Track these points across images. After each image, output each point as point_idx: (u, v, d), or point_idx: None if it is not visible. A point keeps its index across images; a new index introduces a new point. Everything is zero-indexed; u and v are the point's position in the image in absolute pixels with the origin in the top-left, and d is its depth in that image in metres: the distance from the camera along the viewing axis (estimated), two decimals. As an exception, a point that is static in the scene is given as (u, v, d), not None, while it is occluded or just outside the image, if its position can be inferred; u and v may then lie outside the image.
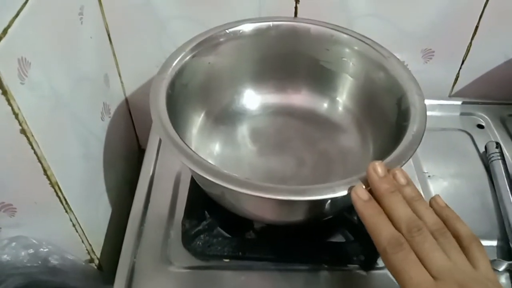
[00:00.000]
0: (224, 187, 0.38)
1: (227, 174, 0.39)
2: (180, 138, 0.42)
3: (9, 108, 0.37)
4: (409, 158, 0.41)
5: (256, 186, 0.38)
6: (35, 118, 0.40)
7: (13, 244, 0.48)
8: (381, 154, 0.45)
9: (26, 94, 0.39)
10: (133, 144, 0.73)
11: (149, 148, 0.63)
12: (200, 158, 0.40)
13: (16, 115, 0.37)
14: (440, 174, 0.60)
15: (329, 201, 0.41)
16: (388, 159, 0.41)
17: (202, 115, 0.55)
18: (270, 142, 0.57)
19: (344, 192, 0.38)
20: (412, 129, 0.43)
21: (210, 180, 0.39)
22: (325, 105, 0.59)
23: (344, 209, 0.49)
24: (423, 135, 0.43)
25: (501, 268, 0.49)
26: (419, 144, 0.42)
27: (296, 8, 0.60)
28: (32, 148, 0.40)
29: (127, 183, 0.66)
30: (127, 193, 0.64)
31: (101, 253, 0.57)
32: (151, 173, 0.59)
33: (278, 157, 0.55)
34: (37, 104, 0.41)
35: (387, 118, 0.49)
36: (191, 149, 0.41)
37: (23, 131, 0.39)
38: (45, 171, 0.42)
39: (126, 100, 0.69)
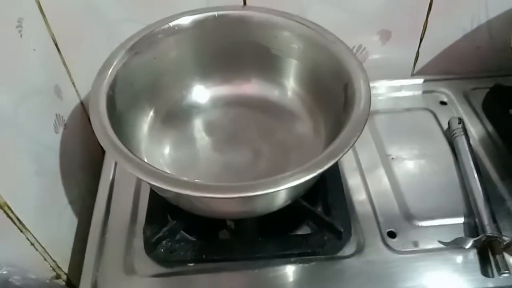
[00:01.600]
0: (169, 190, 0.38)
1: (170, 176, 0.39)
2: (123, 141, 0.41)
3: None
4: (352, 144, 0.40)
5: (200, 186, 0.38)
6: (-28, 141, 0.39)
7: (-29, 268, 0.47)
8: (333, 139, 0.44)
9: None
10: (96, 152, 0.71)
11: (108, 153, 0.61)
12: (142, 162, 0.39)
13: None
14: (405, 155, 0.59)
15: (277, 193, 0.41)
16: (333, 145, 0.41)
17: (151, 113, 0.54)
18: (224, 135, 0.56)
19: (286, 185, 0.37)
20: (357, 114, 0.43)
21: (155, 185, 0.38)
22: (276, 92, 0.58)
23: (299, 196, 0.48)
24: (366, 121, 0.42)
25: (468, 246, 0.48)
26: (362, 130, 0.41)
27: (244, 1, 0.59)
28: (-28, 172, 0.39)
29: (92, 192, 0.65)
30: (92, 202, 0.63)
31: (69, 268, 0.55)
32: (110, 180, 0.58)
33: (233, 150, 0.55)
34: (-27, 126, 0.40)
35: (336, 103, 0.48)
36: (132, 152, 0.40)
37: (-41, 155, 0.37)
38: (-10, 194, 0.41)
39: (84, 108, 0.67)
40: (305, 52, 0.53)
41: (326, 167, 0.38)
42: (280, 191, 0.38)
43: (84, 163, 0.65)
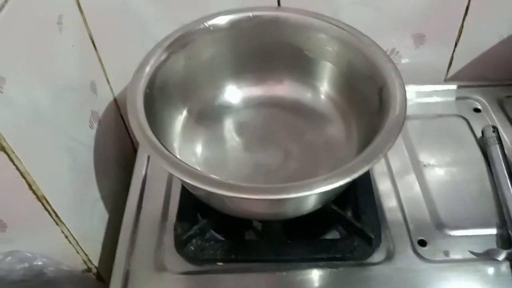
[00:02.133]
0: (202, 189, 0.38)
1: (202, 174, 0.39)
2: (158, 138, 0.41)
3: (-15, 127, 0.36)
4: (388, 149, 0.40)
5: (231, 186, 0.38)
6: (14, 134, 0.40)
7: (8, 258, 0.48)
8: (365, 144, 0.44)
9: (2, 111, 0.38)
10: (128, 148, 0.73)
11: (140, 150, 0.63)
12: (176, 159, 0.40)
13: (-7, 133, 0.37)
14: (437, 163, 0.59)
15: (309, 197, 0.41)
16: (367, 150, 0.40)
17: (184, 112, 0.55)
18: (255, 135, 0.56)
19: (320, 189, 0.37)
20: (392, 119, 0.42)
21: (189, 183, 0.38)
22: (309, 94, 0.58)
23: (330, 200, 0.48)
24: (402, 126, 0.42)
25: (501, 258, 0.48)
26: (397, 136, 0.41)
27: (279, 0, 0.59)
28: (14, 164, 0.40)
29: (123, 187, 0.66)
30: (124, 198, 0.64)
31: (99, 262, 0.57)
32: (143, 176, 0.59)
33: (264, 151, 0.55)
34: (15, 120, 0.41)
35: (370, 108, 0.48)
36: (167, 149, 0.41)
37: (2, 148, 0.39)
38: (30, 186, 0.42)
39: (117, 105, 0.68)
40: (339, 55, 0.53)
41: (360, 172, 0.38)
42: (312, 195, 0.38)
43: (116, 159, 0.66)
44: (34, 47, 0.45)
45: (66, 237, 0.49)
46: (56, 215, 0.47)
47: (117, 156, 0.67)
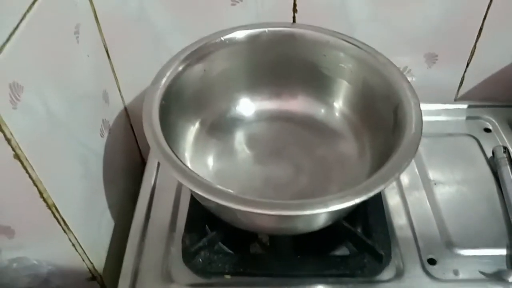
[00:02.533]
0: (217, 203, 0.38)
1: (218, 188, 0.39)
2: (173, 151, 0.42)
3: (1, 134, 0.36)
4: (404, 169, 0.40)
5: (246, 201, 0.38)
6: (29, 142, 0.40)
7: (14, 265, 0.48)
8: (379, 162, 0.44)
9: (19, 119, 0.38)
10: (136, 157, 0.73)
11: (150, 160, 0.63)
12: (191, 172, 0.40)
13: (8, 141, 0.37)
14: (447, 181, 0.58)
15: (324, 213, 0.41)
16: (384, 169, 0.40)
17: (197, 124, 0.55)
18: (267, 149, 0.56)
19: (336, 207, 0.37)
20: (408, 138, 0.42)
21: (202, 196, 0.38)
22: (323, 110, 0.58)
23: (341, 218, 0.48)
24: (418, 145, 0.42)
25: (511, 279, 0.47)
26: (414, 155, 0.41)
27: (294, 17, 0.59)
28: (27, 172, 0.40)
29: (130, 196, 0.66)
30: (130, 207, 0.64)
31: (104, 270, 0.56)
32: (152, 185, 0.59)
33: (275, 164, 0.55)
34: (31, 128, 0.41)
35: (384, 126, 0.48)
36: (182, 162, 0.41)
37: (16, 156, 0.39)
38: (41, 194, 0.42)
39: (127, 114, 0.68)
40: (354, 73, 0.53)
41: (377, 191, 0.38)
42: (326, 212, 0.38)
43: (124, 168, 0.66)
44: (51, 57, 0.45)
45: (73, 245, 0.49)
46: (65, 223, 0.47)
47: (125, 164, 0.67)
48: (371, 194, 0.38)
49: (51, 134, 0.45)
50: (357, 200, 0.38)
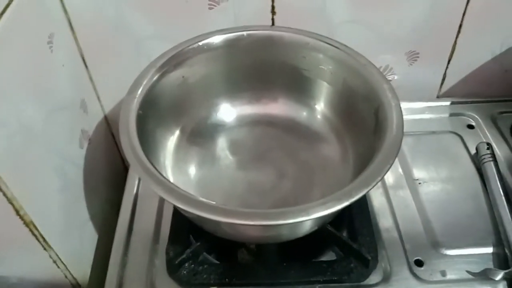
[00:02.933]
0: (201, 216, 0.37)
1: (198, 200, 0.38)
2: (151, 163, 0.41)
3: (-29, 153, 0.35)
4: (386, 172, 0.39)
5: (227, 211, 0.37)
6: (3, 158, 0.39)
7: (-6, 284, 0.46)
8: (362, 165, 0.44)
9: (-10, 135, 0.37)
10: (118, 166, 0.71)
11: (131, 169, 0.61)
12: (171, 184, 0.39)
13: (-21, 159, 0.36)
14: (431, 180, 0.58)
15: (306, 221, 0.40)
16: (365, 173, 0.40)
17: (177, 132, 0.54)
18: (249, 154, 0.56)
19: (318, 214, 0.36)
20: (389, 140, 0.42)
21: (183, 209, 0.37)
22: (304, 113, 0.58)
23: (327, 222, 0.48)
24: (399, 147, 0.42)
25: (497, 278, 0.47)
26: (395, 158, 0.41)
27: (273, 19, 0.58)
28: (1, 190, 0.39)
29: (113, 205, 0.65)
30: (114, 216, 0.63)
31: (89, 284, 0.55)
32: (134, 195, 0.58)
33: (258, 170, 0.54)
34: (3, 142, 0.39)
35: (366, 128, 0.47)
36: (161, 174, 0.40)
37: (-11, 174, 0.37)
38: (17, 211, 0.41)
39: (107, 123, 0.67)
40: (334, 74, 0.52)
41: (359, 196, 0.38)
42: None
43: (105, 177, 0.65)
44: (25, 67, 0.44)
45: (55, 262, 0.48)
46: (44, 240, 0.46)
47: (107, 174, 0.66)
48: (353, 199, 0.38)
49: (27, 148, 0.43)
50: (340, 207, 0.37)
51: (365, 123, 0.48)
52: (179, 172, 0.52)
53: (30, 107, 0.45)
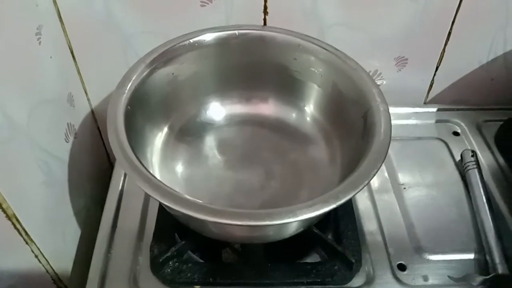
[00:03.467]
0: (187, 214, 0.37)
1: (185, 198, 0.38)
2: (138, 159, 0.40)
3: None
4: (373, 176, 0.40)
5: (214, 211, 0.37)
6: (-14, 152, 0.38)
7: (-27, 279, 0.46)
8: (349, 168, 0.44)
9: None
10: (104, 162, 0.71)
11: (117, 165, 0.61)
12: (157, 181, 0.39)
13: (-38, 151, 0.35)
14: (416, 185, 0.59)
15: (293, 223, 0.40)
16: (353, 176, 0.40)
17: (165, 129, 0.54)
18: (237, 153, 0.56)
19: (305, 216, 0.36)
20: (377, 145, 0.42)
21: (169, 206, 0.37)
22: (294, 115, 0.58)
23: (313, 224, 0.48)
24: (387, 152, 0.42)
25: (476, 283, 0.48)
26: (382, 162, 0.41)
27: (265, 19, 0.58)
28: (-16, 182, 0.38)
29: (97, 202, 0.64)
30: (98, 212, 0.62)
31: (70, 279, 0.54)
32: (119, 191, 0.57)
33: (246, 169, 0.54)
34: (-13, 136, 0.39)
35: (354, 131, 0.48)
36: (148, 170, 0.40)
37: (-28, 167, 0.37)
38: (0, 204, 0.40)
39: (94, 117, 0.66)
40: (324, 77, 0.53)
41: (346, 199, 0.38)
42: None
43: (90, 172, 0.64)
44: (11, 60, 0.43)
45: (36, 256, 0.47)
46: (26, 234, 0.45)
47: (92, 169, 0.65)
48: (340, 202, 0.38)
49: (11, 142, 0.43)
50: (326, 209, 0.37)
51: (353, 126, 0.48)
52: (166, 169, 0.52)
53: (16, 99, 0.44)
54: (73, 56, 0.59)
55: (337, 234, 0.51)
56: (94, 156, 0.66)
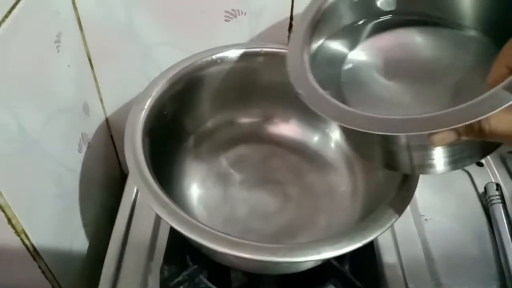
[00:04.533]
0: (201, 244, 0.35)
1: (201, 227, 0.36)
2: (156, 179, 0.39)
3: (-34, 159, 0.33)
4: (401, 215, 0.38)
5: (233, 242, 0.35)
6: (-1, 165, 0.36)
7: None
8: (371, 199, 0.42)
9: (-14, 139, 0.35)
10: (115, 171, 0.69)
11: (130, 180, 0.59)
12: (174, 206, 0.37)
13: (-26, 166, 0.34)
14: (438, 217, 0.57)
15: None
16: (378, 213, 0.38)
17: (183, 146, 0.52)
18: (254, 173, 0.54)
19: (329, 254, 0.34)
20: (405, 180, 0.40)
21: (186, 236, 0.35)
22: (316, 138, 0.56)
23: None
24: (415, 187, 0.40)
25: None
26: (411, 197, 0.39)
27: (289, 37, 0.57)
28: (-6, 197, 0.37)
29: (107, 211, 0.63)
30: (106, 223, 0.61)
31: (76, 294, 0.53)
32: (130, 206, 0.56)
33: (262, 190, 0.53)
34: (1, 149, 0.37)
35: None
36: (166, 195, 0.38)
37: (-17, 181, 0.35)
38: (9, 220, 0.39)
39: (108, 126, 0.65)
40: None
41: (372, 238, 0.36)
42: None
43: (101, 182, 0.63)
44: (28, 68, 0.42)
45: (43, 272, 0.46)
46: (35, 250, 0.43)
47: (103, 179, 0.64)
48: (366, 241, 0.36)
49: (24, 154, 0.41)
50: (351, 248, 0.35)
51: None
52: (181, 188, 0.50)
53: (32, 109, 0.43)
54: (91, 65, 0.57)
55: (355, 266, 0.49)
56: (106, 165, 0.65)
